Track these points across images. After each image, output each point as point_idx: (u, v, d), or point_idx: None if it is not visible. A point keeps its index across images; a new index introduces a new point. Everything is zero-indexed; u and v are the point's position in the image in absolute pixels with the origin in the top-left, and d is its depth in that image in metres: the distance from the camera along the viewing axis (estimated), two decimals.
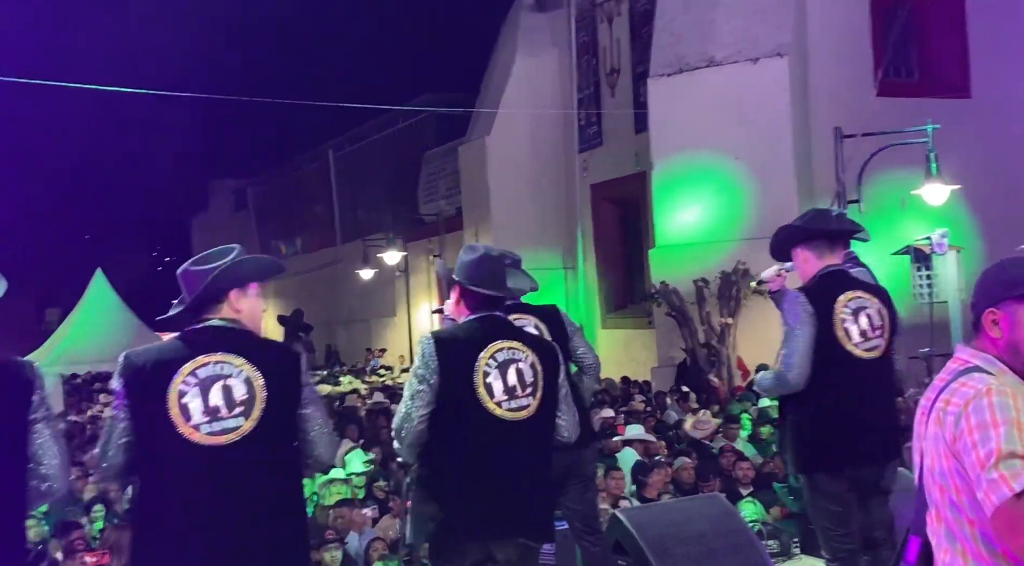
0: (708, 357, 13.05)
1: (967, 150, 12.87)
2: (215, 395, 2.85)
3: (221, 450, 2.84)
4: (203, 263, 3.02)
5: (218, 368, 2.88)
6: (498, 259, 3.43)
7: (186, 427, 2.82)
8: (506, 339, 3.32)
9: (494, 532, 3.24)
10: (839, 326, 3.81)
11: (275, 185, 32.73)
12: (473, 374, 3.23)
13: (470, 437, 3.24)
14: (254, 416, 2.87)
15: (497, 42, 20.00)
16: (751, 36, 13.65)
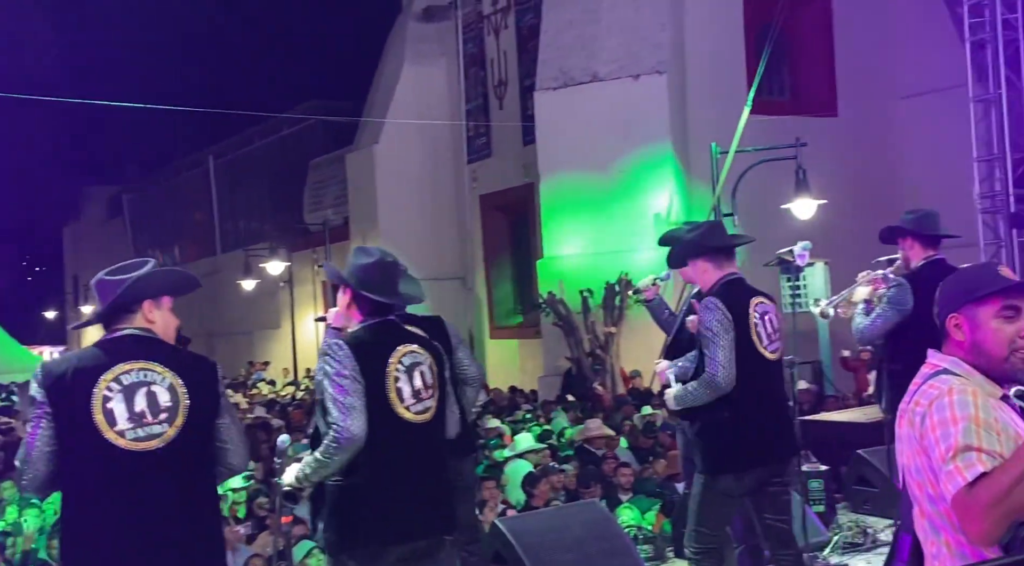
0: (593, 366, 13.31)
1: (833, 166, 13.54)
2: (140, 401, 2.91)
3: (145, 456, 2.90)
4: (119, 273, 3.08)
5: (141, 375, 2.94)
6: (393, 265, 3.46)
7: (111, 432, 2.88)
8: (409, 343, 3.41)
9: (416, 534, 3.33)
10: (753, 329, 3.95)
11: (152, 192, 31.64)
12: (385, 379, 3.29)
13: (386, 441, 3.28)
14: (177, 423, 2.94)
15: (384, 51, 19.93)
16: (632, 53, 14.03)
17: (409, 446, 3.32)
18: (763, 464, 3.95)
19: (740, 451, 3.94)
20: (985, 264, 2.14)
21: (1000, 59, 10.73)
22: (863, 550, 5.59)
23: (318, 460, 3.27)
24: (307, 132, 23.92)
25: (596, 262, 13.58)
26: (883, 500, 6.09)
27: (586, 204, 14.03)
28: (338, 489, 3.32)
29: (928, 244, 4.58)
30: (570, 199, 14.19)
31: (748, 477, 3.96)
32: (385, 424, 3.28)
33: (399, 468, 3.30)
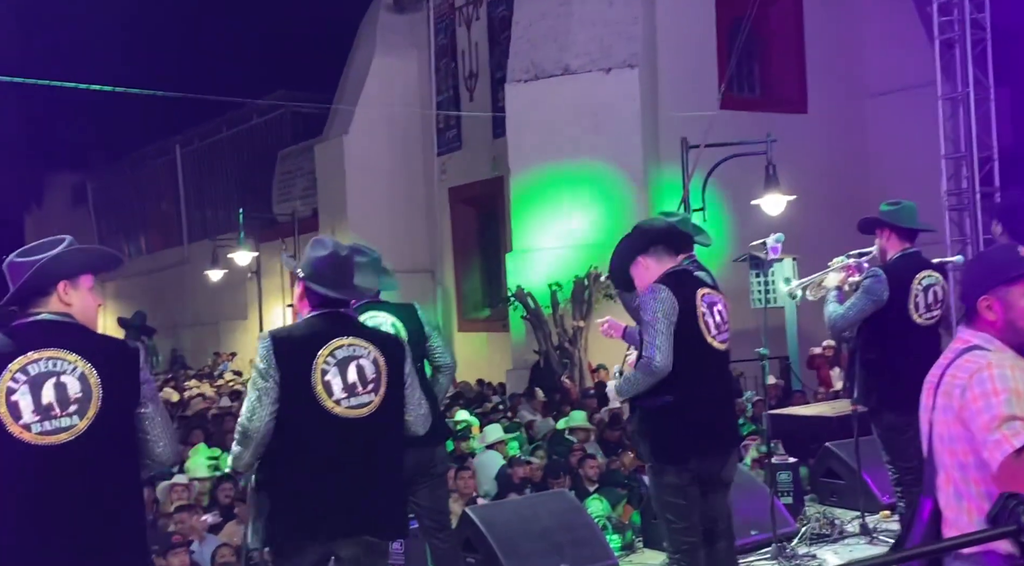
0: (561, 359, 13.30)
1: (803, 163, 13.64)
2: (47, 393, 2.73)
3: (54, 450, 2.72)
4: (30, 254, 2.90)
5: (50, 364, 2.76)
6: (346, 259, 3.38)
7: (15, 426, 2.70)
8: (347, 336, 3.27)
9: (336, 530, 3.20)
10: (700, 318, 3.88)
11: (117, 180, 31.16)
12: (311, 373, 3.18)
13: (310, 437, 3.19)
14: (89, 415, 2.76)
15: (355, 41, 19.78)
16: (604, 46, 14.02)
17: (334, 442, 3.19)
18: (701, 456, 3.89)
19: (683, 440, 3.88)
20: (1007, 246, 2.24)
21: (968, 58, 10.85)
22: (831, 541, 5.62)
23: (233, 449, 3.25)
24: (276, 122, 23.69)
25: (565, 256, 13.58)
26: (850, 492, 6.13)
27: (556, 198, 14.01)
28: (256, 483, 3.26)
29: (905, 237, 4.62)
30: (540, 192, 14.17)
31: (686, 469, 3.89)
32: (308, 419, 3.17)
33: (317, 465, 3.18)
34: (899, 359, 4.47)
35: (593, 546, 5.28)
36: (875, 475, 5.91)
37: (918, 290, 4.51)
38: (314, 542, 3.19)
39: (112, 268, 3.14)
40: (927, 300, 4.53)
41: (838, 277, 4.75)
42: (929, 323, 4.57)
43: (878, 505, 6.03)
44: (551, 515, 5.33)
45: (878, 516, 5.97)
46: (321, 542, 3.20)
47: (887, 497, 5.86)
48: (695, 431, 3.88)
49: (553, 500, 5.58)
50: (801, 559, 5.29)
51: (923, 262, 4.62)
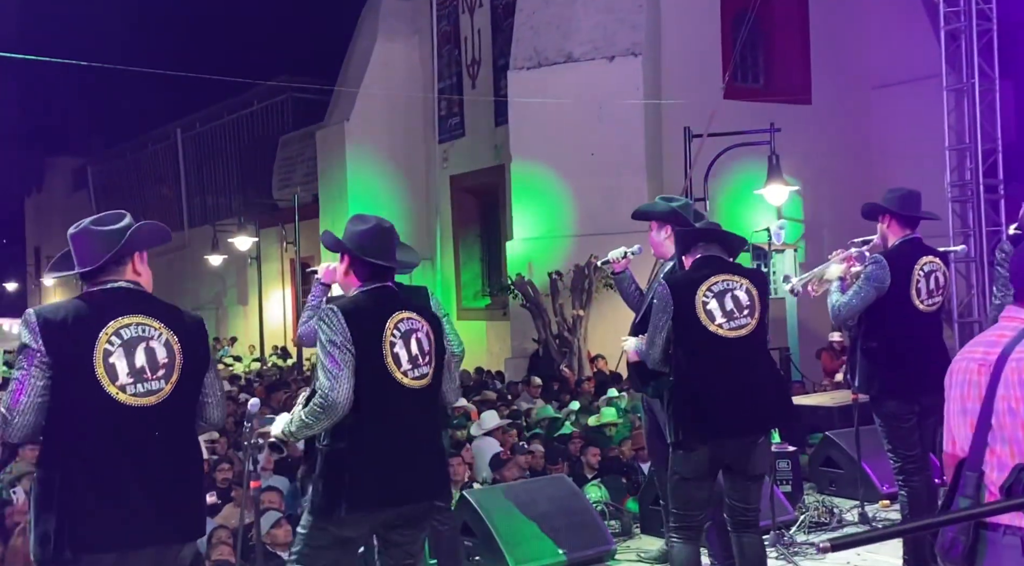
0: (560, 348, 13.28)
1: (806, 153, 13.59)
2: (139, 357, 2.89)
3: (143, 411, 2.89)
4: (106, 223, 3.02)
5: (140, 330, 2.91)
6: (389, 231, 3.45)
7: (112, 387, 2.85)
8: (405, 310, 3.36)
9: (407, 498, 3.31)
10: (700, 310, 3.91)
11: (118, 165, 31.10)
12: (381, 345, 3.26)
13: (380, 408, 3.26)
14: (173, 379, 2.94)
15: (357, 26, 19.69)
16: (608, 34, 13.96)
17: (405, 411, 3.30)
18: (715, 441, 3.89)
19: (685, 429, 3.92)
20: None
21: (974, 49, 10.79)
22: (829, 529, 5.61)
23: (303, 420, 3.28)
24: (277, 107, 23.63)
25: (566, 244, 13.54)
26: (849, 481, 6.11)
27: (557, 186, 13.96)
28: (327, 454, 3.30)
29: (907, 224, 4.59)
30: (541, 181, 14.12)
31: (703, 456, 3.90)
32: (381, 389, 3.26)
33: (395, 432, 3.28)
34: (901, 346, 4.44)
35: (591, 531, 5.27)
36: (875, 464, 5.89)
37: (920, 276, 4.47)
38: (390, 507, 3.29)
39: (167, 241, 3.32)
40: (929, 286, 4.50)
41: (840, 268, 4.72)
42: (931, 309, 4.53)
43: (877, 494, 6.02)
44: (549, 500, 5.32)
45: (877, 505, 5.96)
46: (395, 507, 3.29)
47: (886, 486, 5.84)
48: (701, 420, 3.90)
49: (551, 485, 5.57)
50: (799, 547, 5.28)
51: (925, 248, 4.59)
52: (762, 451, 4.00)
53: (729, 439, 3.91)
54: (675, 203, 4.57)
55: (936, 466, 5.77)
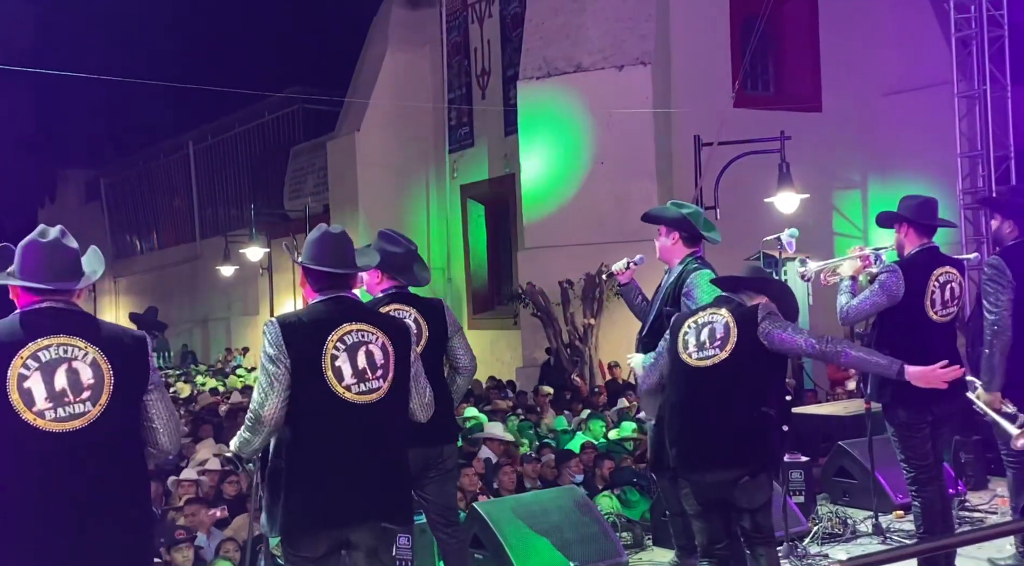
0: (571, 357, 13.25)
1: (817, 161, 13.54)
2: (60, 379, 2.72)
3: (68, 436, 2.71)
4: (44, 238, 2.91)
5: (62, 350, 2.74)
6: (339, 235, 3.38)
7: (29, 413, 2.68)
8: (355, 321, 3.25)
9: (349, 517, 3.19)
10: (680, 339, 4.00)
11: (130, 176, 31.26)
12: (321, 358, 3.16)
13: (321, 422, 3.18)
14: (102, 401, 2.75)
15: (368, 38, 19.76)
16: (617, 44, 13.95)
17: (346, 427, 3.18)
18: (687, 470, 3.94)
19: (657, 455, 4.08)
20: None
21: (985, 55, 10.75)
22: (843, 540, 5.56)
23: (241, 435, 3.26)
24: (288, 118, 23.71)
25: (576, 253, 13.51)
26: (862, 492, 6.06)
27: (567, 195, 13.95)
28: (269, 471, 3.24)
29: (923, 232, 4.55)
30: (551, 190, 14.11)
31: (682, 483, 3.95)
32: (320, 404, 3.16)
33: (330, 450, 3.16)
34: (914, 355, 4.40)
35: (602, 543, 5.23)
36: (888, 474, 5.84)
37: (935, 286, 4.44)
38: (328, 529, 3.17)
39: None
40: (944, 297, 4.46)
41: (854, 266, 4.69)
42: (945, 320, 4.49)
43: (891, 505, 5.96)
44: (560, 511, 5.29)
45: (891, 516, 5.90)
46: (335, 529, 3.17)
47: (900, 497, 5.79)
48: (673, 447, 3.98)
49: (562, 496, 5.53)
50: (813, 558, 5.24)
51: (941, 258, 4.55)
52: (745, 488, 3.87)
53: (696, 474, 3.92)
54: (685, 210, 4.56)
55: (951, 476, 5.73)
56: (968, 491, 6.22)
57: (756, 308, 3.97)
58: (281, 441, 3.21)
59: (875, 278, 4.51)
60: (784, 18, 15.06)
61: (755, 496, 3.89)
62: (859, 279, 4.66)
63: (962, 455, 6.33)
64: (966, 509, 5.78)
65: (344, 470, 3.16)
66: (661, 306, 4.64)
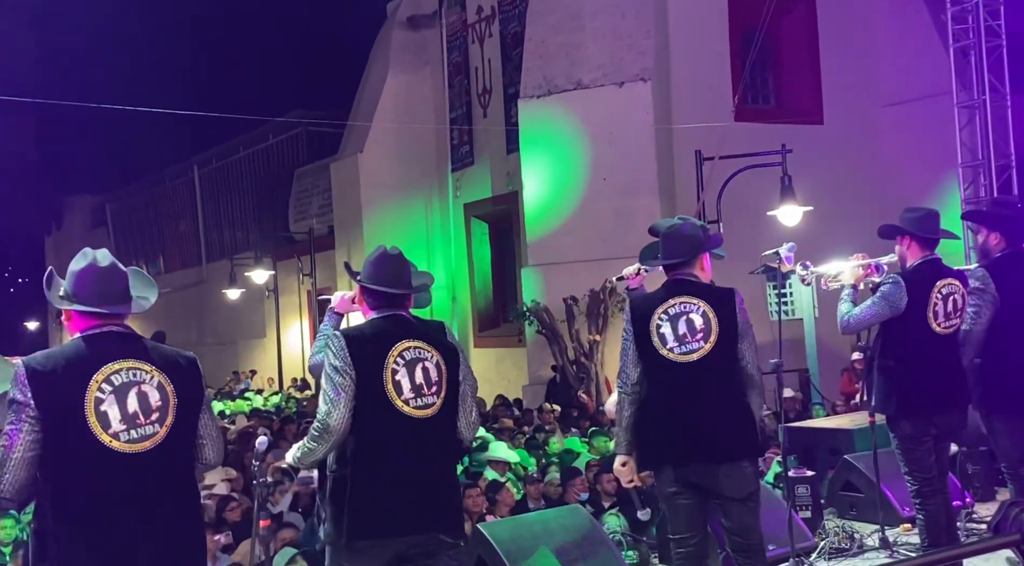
0: (577, 374, 13.23)
1: (819, 173, 13.54)
2: (131, 402, 2.84)
3: (139, 457, 2.84)
4: (99, 262, 2.99)
5: (131, 374, 2.86)
6: (397, 257, 3.50)
7: (105, 435, 2.80)
8: (413, 338, 3.37)
9: (412, 527, 3.28)
10: (654, 333, 3.92)
11: (136, 201, 31.43)
12: (382, 372, 3.27)
13: (384, 433, 3.27)
14: (168, 422, 2.89)
15: (369, 60, 19.88)
16: (616, 60, 14.01)
17: (406, 440, 3.30)
18: (677, 466, 3.88)
19: (647, 453, 3.99)
20: None
21: (984, 65, 10.77)
22: (850, 555, 5.52)
23: (305, 446, 3.35)
24: (292, 141, 23.83)
25: (580, 270, 13.51)
26: (869, 505, 6.02)
27: (570, 212, 13.96)
28: (333, 480, 3.32)
29: (926, 244, 4.56)
30: (554, 207, 14.13)
31: (669, 479, 3.90)
32: (381, 417, 3.27)
33: (393, 461, 3.27)
34: (917, 367, 4.40)
35: (608, 561, 5.20)
36: (895, 487, 5.80)
37: (937, 298, 4.44)
38: (392, 538, 3.26)
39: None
40: (947, 309, 4.46)
41: (856, 274, 4.70)
42: (948, 332, 4.49)
43: (898, 518, 5.92)
44: (565, 531, 5.25)
45: (898, 529, 5.86)
46: (399, 538, 3.26)
47: (907, 510, 5.75)
48: (659, 444, 3.93)
49: (567, 515, 5.50)
50: None
51: (943, 270, 4.55)
52: (730, 475, 3.86)
53: (683, 465, 3.89)
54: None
55: (957, 488, 5.69)
56: (975, 503, 6.17)
57: (733, 295, 3.96)
58: (345, 451, 3.29)
59: (877, 288, 4.51)
60: (783, 31, 15.11)
61: (739, 484, 3.86)
62: (860, 288, 4.67)
63: (969, 466, 6.29)
64: (973, 521, 5.73)
65: (406, 481, 3.27)
66: None
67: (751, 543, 3.93)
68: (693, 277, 3.99)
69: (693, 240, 4.00)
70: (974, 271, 4.70)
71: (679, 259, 3.98)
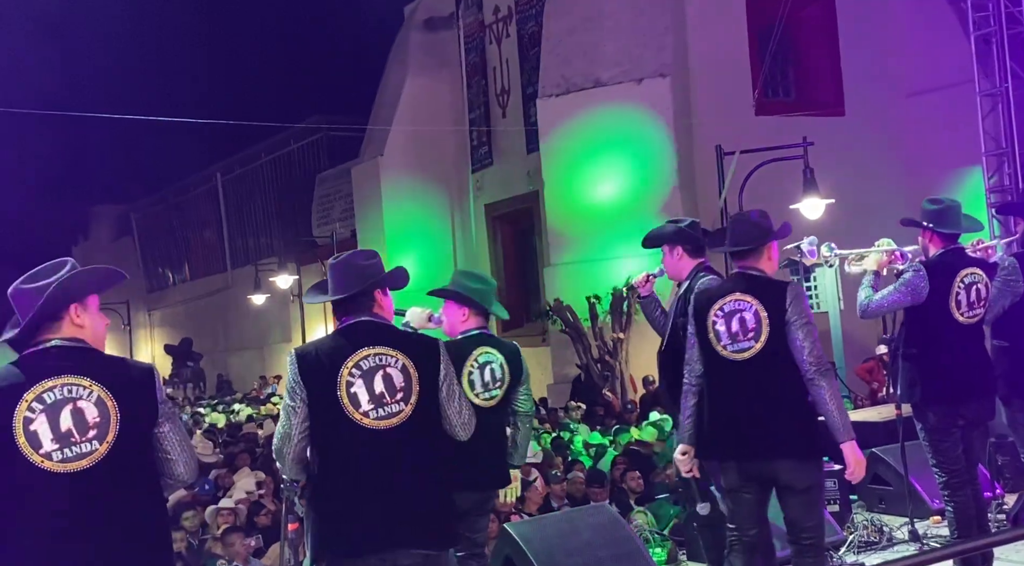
0: (602, 372, 13.21)
1: (841, 165, 13.44)
2: (65, 419, 2.70)
3: (77, 476, 2.70)
4: (36, 280, 2.83)
5: (66, 391, 2.72)
6: (340, 263, 3.39)
7: (36, 455, 2.68)
8: (374, 345, 3.23)
9: (379, 544, 3.16)
10: (710, 329, 3.92)
11: (160, 210, 31.74)
12: (335, 386, 3.16)
13: (342, 450, 3.19)
14: (108, 439, 2.73)
15: (387, 63, 19.96)
16: (634, 57, 13.98)
17: (368, 454, 3.17)
18: (734, 459, 3.90)
19: (707, 444, 4.01)
20: None
21: (1005, 53, 10.65)
22: (879, 548, 5.49)
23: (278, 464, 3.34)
24: (313, 147, 23.97)
25: (603, 268, 13.50)
26: (898, 498, 5.98)
27: (591, 210, 13.95)
28: (309, 497, 3.28)
29: (947, 237, 4.54)
30: (575, 205, 14.13)
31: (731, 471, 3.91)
32: (340, 432, 3.17)
33: (357, 476, 3.17)
34: (942, 355, 4.40)
35: (635, 560, 5.20)
36: (924, 480, 5.76)
37: (960, 288, 4.42)
38: (358, 557, 3.17)
39: (117, 284, 3.07)
40: (969, 298, 4.43)
41: (879, 260, 4.67)
42: (971, 321, 4.46)
43: (927, 510, 5.88)
44: (591, 529, 5.25)
45: (928, 522, 5.82)
46: (366, 556, 3.16)
47: (937, 502, 5.70)
48: (715, 437, 3.93)
49: (593, 514, 5.50)
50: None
51: (966, 259, 4.53)
52: (789, 469, 3.82)
53: (747, 460, 3.87)
54: (682, 223, 4.58)
55: (986, 479, 5.64)
56: (1006, 493, 6.12)
57: (784, 290, 3.87)
58: (314, 468, 3.23)
59: (900, 274, 4.50)
60: (802, 23, 15.00)
61: (801, 476, 3.82)
62: (882, 274, 4.65)
63: (999, 457, 6.23)
64: (1004, 512, 5.68)
65: (370, 497, 3.15)
66: (675, 320, 4.62)
67: (807, 536, 3.89)
68: (756, 270, 3.94)
69: (760, 228, 3.97)
70: (1003, 259, 4.67)
71: (746, 246, 3.94)
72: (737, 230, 4.01)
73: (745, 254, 3.94)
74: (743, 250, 3.94)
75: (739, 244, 3.95)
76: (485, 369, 4.16)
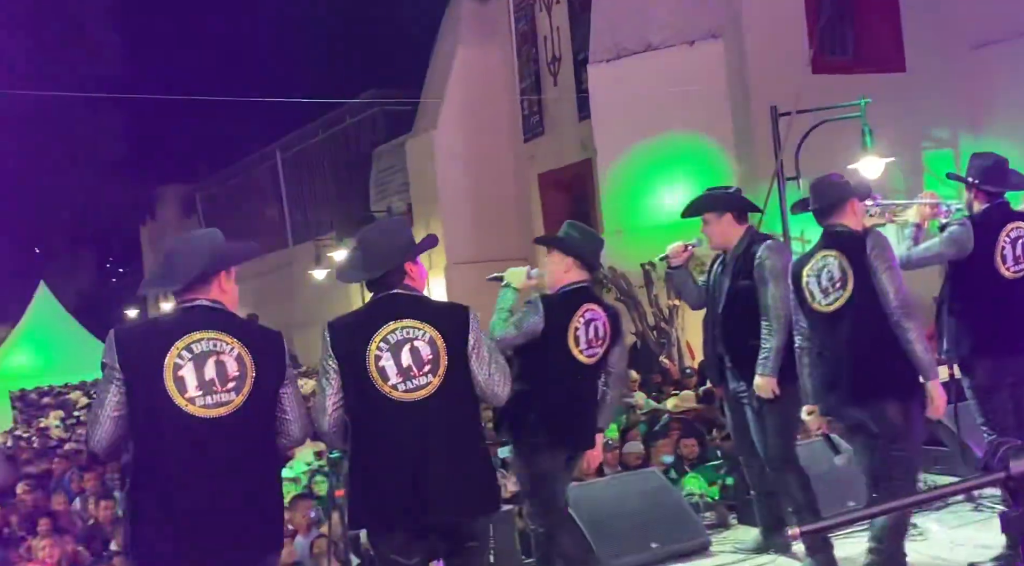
0: (658, 339, 13.15)
1: (902, 123, 13.08)
2: (209, 370, 2.98)
3: (214, 422, 2.97)
4: (192, 242, 3.17)
5: (211, 345, 3.00)
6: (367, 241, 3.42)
7: (181, 399, 2.95)
8: (401, 318, 3.27)
9: (414, 514, 3.22)
10: (804, 288, 4.10)
11: (223, 189, 32.32)
12: (366, 360, 3.22)
13: (373, 422, 3.25)
14: (244, 391, 3.01)
15: (438, 35, 19.95)
16: (686, 19, 13.75)
17: (398, 426, 3.22)
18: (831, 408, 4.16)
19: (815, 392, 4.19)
20: None
21: None
22: (934, 509, 5.40)
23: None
24: (368, 121, 24.11)
25: (657, 235, 13.36)
26: (953, 459, 5.87)
27: (646, 176, 13.83)
28: (348, 468, 3.39)
29: (992, 193, 4.43)
30: (629, 172, 14.02)
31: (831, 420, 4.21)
32: (370, 404, 3.23)
33: (386, 448, 3.23)
34: (988, 309, 4.34)
35: (685, 524, 5.21)
36: (978, 439, 5.64)
37: (1006, 242, 4.33)
38: (394, 528, 3.24)
39: (255, 256, 3.53)
40: (1015, 252, 4.34)
41: (922, 212, 4.61)
42: (1018, 275, 4.36)
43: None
44: (640, 495, 5.28)
45: None
46: (401, 527, 3.24)
47: None
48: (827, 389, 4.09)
49: (642, 480, 5.53)
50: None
51: (1012, 213, 4.43)
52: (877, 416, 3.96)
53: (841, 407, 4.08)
54: (728, 190, 4.58)
55: None
56: None
57: (864, 239, 4.00)
58: (349, 439, 3.30)
59: (944, 228, 4.42)
60: None
61: (887, 426, 3.92)
62: (924, 227, 4.58)
63: None
64: None
65: (401, 468, 3.21)
66: (734, 283, 4.58)
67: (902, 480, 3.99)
68: (841, 226, 4.09)
69: (840, 186, 4.15)
70: None
71: (829, 203, 4.10)
72: (819, 191, 4.17)
73: (828, 212, 4.10)
74: (826, 207, 4.10)
75: (821, 202, 4.11)
76: (590, 326, 4.17)
